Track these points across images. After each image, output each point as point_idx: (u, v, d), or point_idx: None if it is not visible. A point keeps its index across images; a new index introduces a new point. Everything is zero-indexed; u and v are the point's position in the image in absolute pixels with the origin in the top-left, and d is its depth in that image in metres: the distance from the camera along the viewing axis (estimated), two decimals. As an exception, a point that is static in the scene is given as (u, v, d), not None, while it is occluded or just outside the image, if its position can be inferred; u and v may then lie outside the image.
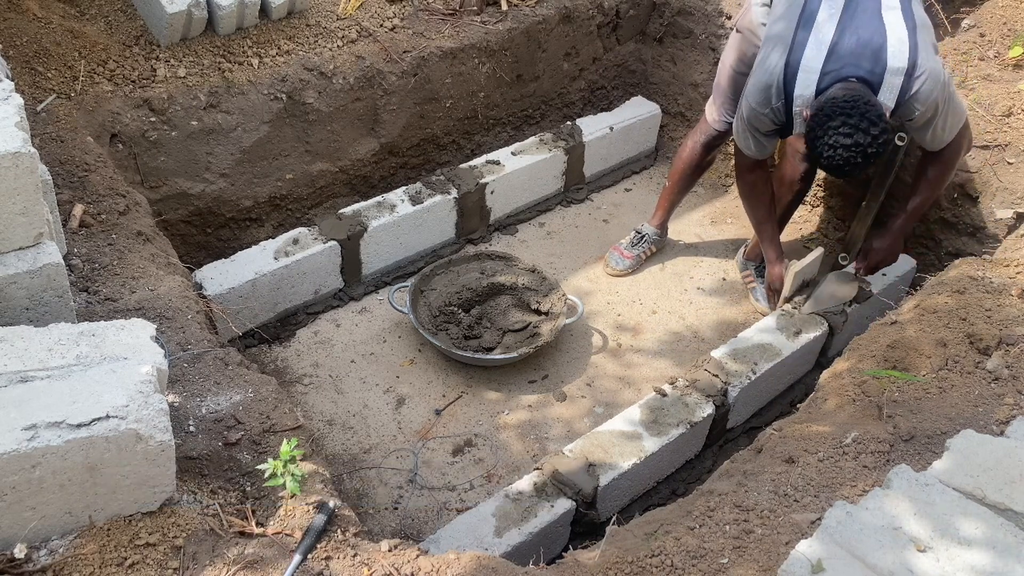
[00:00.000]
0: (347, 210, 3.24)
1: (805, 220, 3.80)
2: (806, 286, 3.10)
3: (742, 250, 3.58)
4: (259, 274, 2.96)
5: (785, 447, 2.10)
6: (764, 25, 2.88)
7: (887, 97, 2.54)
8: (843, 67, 2.54)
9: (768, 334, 2.92)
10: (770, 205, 3.11)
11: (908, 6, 2.62)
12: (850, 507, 1.68)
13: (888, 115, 2.54)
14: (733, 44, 3.09)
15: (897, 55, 2.53)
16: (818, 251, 3.07)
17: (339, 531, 1.77)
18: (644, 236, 3.57)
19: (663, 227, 3.61)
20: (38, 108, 2.70)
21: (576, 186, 3.90)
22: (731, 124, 3.28)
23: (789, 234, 3.74)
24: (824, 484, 1.91)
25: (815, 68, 2.57)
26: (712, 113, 3.28)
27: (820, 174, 3.51)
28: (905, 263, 3.26)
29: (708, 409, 2.67)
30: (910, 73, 2.54)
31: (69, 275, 2.14)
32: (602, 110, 4.13)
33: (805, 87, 2.58)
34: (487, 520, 2.32)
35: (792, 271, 3.01)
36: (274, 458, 1.78)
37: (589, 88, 4.16)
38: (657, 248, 3.62)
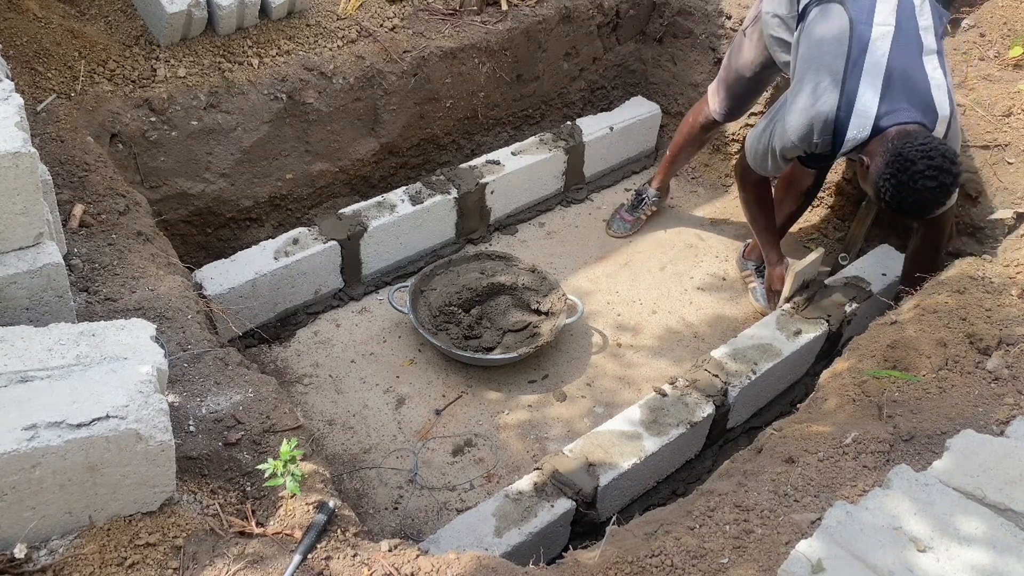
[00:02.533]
0: (347, 210, 3.24)
1: (805, 220, 3.80)
2: (806, 287, 3.10)
3: (742, 249, 3.58)
4: (259, 274, 2.96)
5: (785, 447, 2.10)
6: (774, 16, 2.85)
7: None
8: (898, 111, 2.51)
9: (768, 334, 2.92)
10: (771, 212, 3.12)
11: (942, 50, 2.63)
12: (850, 507, 1.68)
13: None
14: (744, 46, 3.09)
15: (941, 103, 2.53)
16: (818, 252, 3.07)
17: (339, 531, 1.77)
18: (644, 198, 3.68)
19: (664, 188, 3.71)
20: (38, 108, 2.70)
21: (576, 186, 3.90)
22: (728, 115, 3.29)
23: (788, 233, 3.74)
24: (824, 484, 1.91)
25: (870, 113, 2.52)
26: (714, 102, 3.31)
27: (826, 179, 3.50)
28: (905, 263, 3.25)
29: (708, 409, 2.67)
30: (950, 122, 2.55)
31: (69, 275, 2.14)
32: (602, 110, 4.13)
33: (859, 130, 2.53)
34: (487, 520, 2.32)
35: (793, 271, 3.01)
36: (274, 458, 1.78)
37: (589, 88, 4.16)
38: (657, 208, 3.74)
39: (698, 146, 3.59)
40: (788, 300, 3.08)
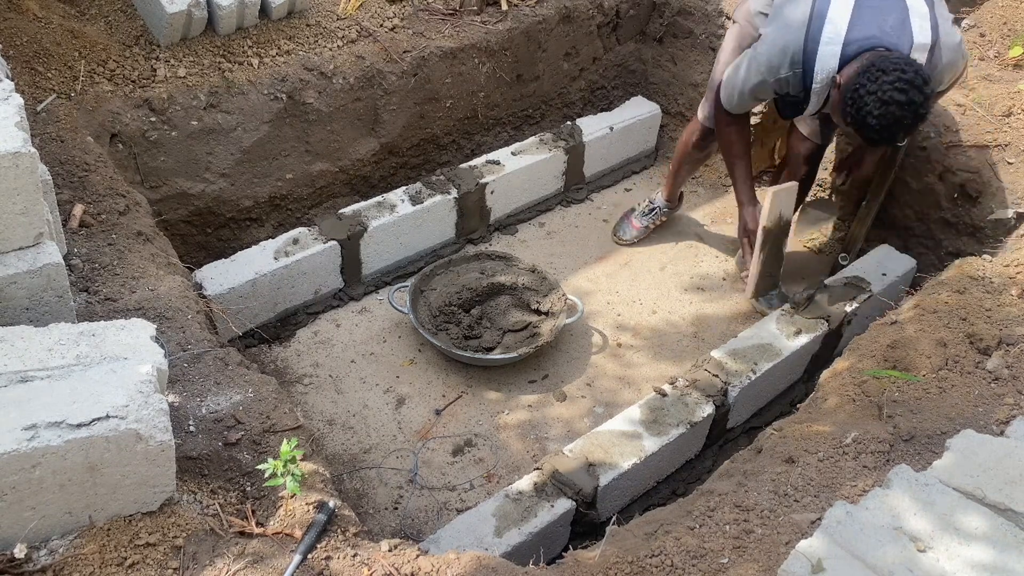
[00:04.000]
0: (347, 210, 3.24)
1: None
2: (781, 221, 3.01)
3: (741, 250, 3.59)
4: (259, 274, 2.96)
5: (785, 447, 2.10)
6: (762, 15, 2.86)
7: None
8: (868, 38, 2.47)
9: (768, 334, 2.92)
10: (747, 148, 3.03)
11: None
12: (850, 507, 1.68)
13: None
14: (731, 35, 3.08)
15: (921, 31, 2.48)
16: (792, 183, 3.03)
17: (339, 531, 1.77)
18: (655, 208, 3.61)
19: (674, 199, 3.64)
20: (38, 108, 2.70)
21: (576, 186, 3.90)
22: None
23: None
24: (824, 484, 1.91)
25: (837, 40, 2.49)
26: (704, 111, 3.27)
27: (825, 162, 3.48)
28: (905, 263, 3.26)
29: (708, 409, 2.67)
30: (933, 50, 2.50)
31: (69, 275, 2.14)
32: (602, 110, 4.13)
33: (828, 60, 2.50)
34: (487, 520, 2.32)
35: (771, 191, 2.93)
36: (274, 458, 1.78)
37: (589, 88, 4.16)
38: (667, 219, 3.68)
39: (698, 161, 3.48)
40: (767, 232, 2.99)
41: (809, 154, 3.21)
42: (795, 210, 3.14)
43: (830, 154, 3.53)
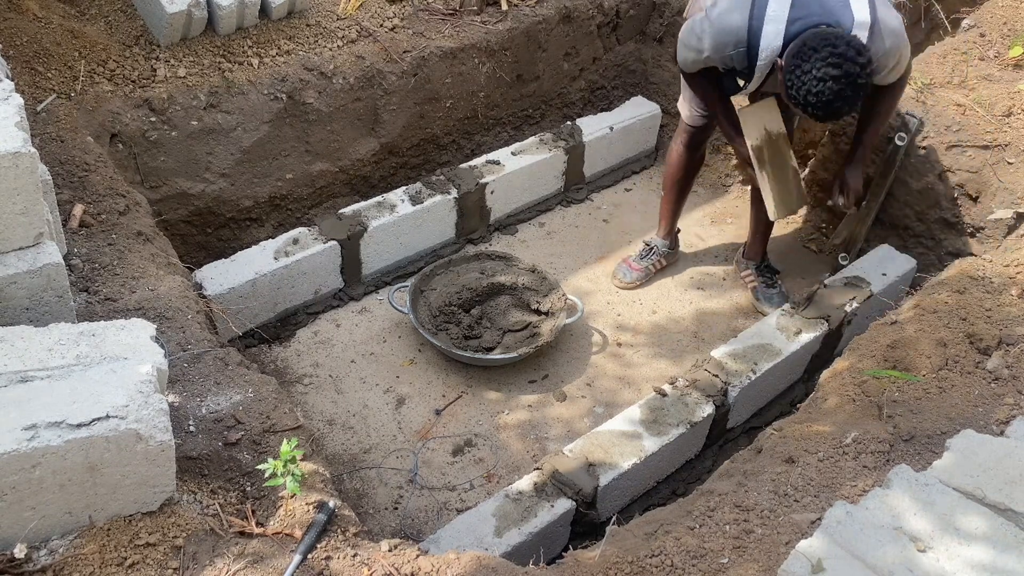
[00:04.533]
0: (347, 210, 3.24)
1: (806, 219, 3.80)
2: (770, 136, 2.99)
3: (741, 250, 3.58)
4: (259, 274, 2.96)
5: (785, 447, 2.10)
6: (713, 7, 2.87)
7: None
8: (810, 15, 2.53)
9: (768, 334, 2.92)
10: (721, 94, 3.01)
11: None
12: (850, 507, 1.68)
13: None
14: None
15: (860, 10, 2.54)
16: (767, 100, 3.00)
17: (339, 531, 1.77)
18: (653, 248, 3.51)
19: (671, 237, 3.53)
20: (38, 108, 2.70)
21: (576, 186, 3.90)
22: (707, 117, 3.23)
23: (788, 232, 3.74)
24: (824, 484, 1.91)
25: (781, 17, 2.55)
26: (685, 111, 3.24)
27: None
28: (905, 263, 3.26)
29: (708, 409, 2.67)
30: (873, 28, 2.54)
31: (69, 275, 2.14)
32: (602, 110, 4.13)
33: (772, 38, 2.56)
34: (487, 520, 2.32)
35: (741, 114, 2.94)
36: (274, 458, 1.78)
37: (589, 88, 4.16)
38: (668, 262, 3.55)
39: (692, 172, 3.41)
40: (758, 150, 2.97)
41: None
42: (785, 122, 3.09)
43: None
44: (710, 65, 2.81)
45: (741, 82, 2.85)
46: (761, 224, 3.37)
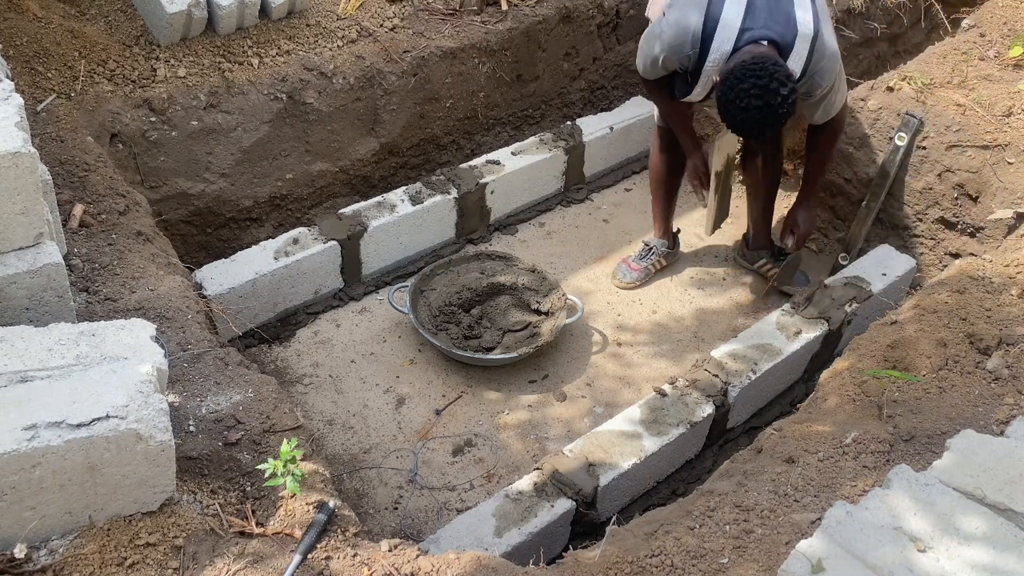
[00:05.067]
0: (347, 210, 3.24)
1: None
2: (733, 162, 3.26)
3: (742, 244, 3.57)
4: (259, 274, 2.96)
5: (785, 447, 2.10)
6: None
7: (795, 63, 2.66)
8: (760, 27, 2.63)
9: (768, 334, 2.92)
10: (679, 105, 3.11)
11: None
12: (850, 507, 1.68)
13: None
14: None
15: (804, 22, 2.65)
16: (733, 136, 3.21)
17: (339, 531, 1.77)
18: (652, 248, 3.51)
19: (668, 236, 3.53)
20: (38, 108, 2.70)
21: (576, 186, 3.90)
22: None
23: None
24: (824, 484, 1.91)
25: (735, 25, 2.64)
26: (656, 112, 3.28)
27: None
28: (905, 263, 3.26)
29: (708, 409, 2.67)
30: (814, 42, 2.66)
31: (69, 275, 2.14)
32: (602, 110, 4.13)
33: (723, 42, 2.65)
34: (487, 520, 2.32)
35: (716, 140, 3.15)
36: (274, 458, 1.78)
37: (589, 88, 4.16)
38: (668, 261, 3.56)
39: (677, 174, 3.39)
40: (718, 176, 3.22)
41: (766, 167, 3.36)
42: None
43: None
44: (668, 67, 2.86)
45: (693, 89, 2.90)
46: (765, 212, 3.44)
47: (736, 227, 3.77)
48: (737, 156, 3.38)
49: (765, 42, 2.63)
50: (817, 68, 2.69)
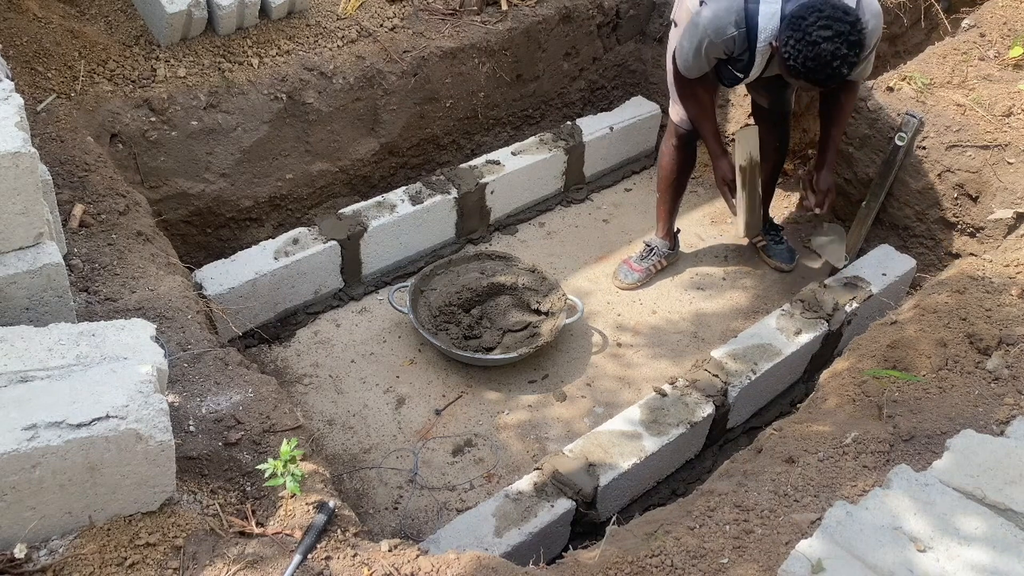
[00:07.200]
0: (347, 210, 3.24)
1: (807, 220, 3.80)
2: (752, 159, 3.24)
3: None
4: (259, 274, 2.96)
5: (785, 447, 2.10)
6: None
7: None
8: None
9: (768, 334, 2.92)
10: (712, 107, 3.12)
11: None
12: (850, 507, 1.68)
13: None
14: (674, 37, 3.07)
15: None
16: (752, 127, 3.25)
17: (339, 531, 1.77)
18: (653, 248, 3.51)
19: (669, 237, 3.54)
20: (38, 108, 2.70)
21: (576, 186, 3.90)
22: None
23: (788, 232, 3.74)
24: (824, 484, 1.91)
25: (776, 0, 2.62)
26: (675, 114, 3.26)
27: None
28: (905, 263, 3.26)
29: (708, 409, 2.67)
30: (859, 3, 2.62)
31: (69, 275, 2.14)
32: (602, 110, 4.13)
33: (769, 19, 2.63)
34: (487, 520, 2.32)
35: (737, 135, 3.19)
36: (274, 458, 1.78)
37: (589, 88, 4.16)
38: (668, 262, 3.56)
39: (685, 173, 3.43)
40: (742, 171, 3.20)
41: (775, 124, 3.36)
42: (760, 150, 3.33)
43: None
44: (712, 56, 2.81)
45: (740, 75, 2.87)
46: (764, 196, 3.49)
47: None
48: (758, 156, 3.29)
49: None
50: (867, 27, 2.62)
